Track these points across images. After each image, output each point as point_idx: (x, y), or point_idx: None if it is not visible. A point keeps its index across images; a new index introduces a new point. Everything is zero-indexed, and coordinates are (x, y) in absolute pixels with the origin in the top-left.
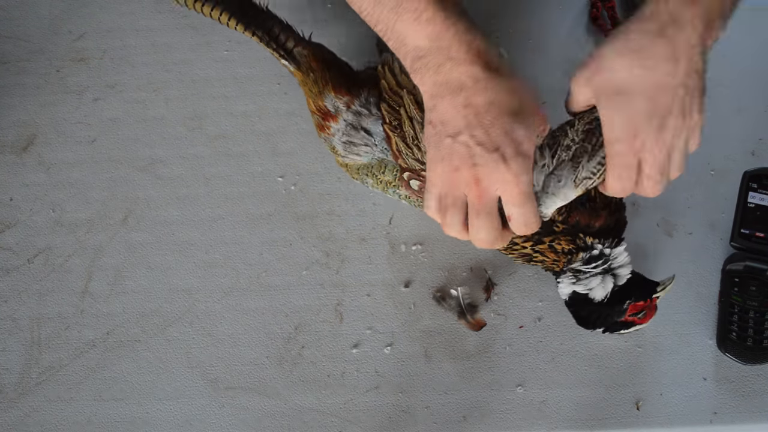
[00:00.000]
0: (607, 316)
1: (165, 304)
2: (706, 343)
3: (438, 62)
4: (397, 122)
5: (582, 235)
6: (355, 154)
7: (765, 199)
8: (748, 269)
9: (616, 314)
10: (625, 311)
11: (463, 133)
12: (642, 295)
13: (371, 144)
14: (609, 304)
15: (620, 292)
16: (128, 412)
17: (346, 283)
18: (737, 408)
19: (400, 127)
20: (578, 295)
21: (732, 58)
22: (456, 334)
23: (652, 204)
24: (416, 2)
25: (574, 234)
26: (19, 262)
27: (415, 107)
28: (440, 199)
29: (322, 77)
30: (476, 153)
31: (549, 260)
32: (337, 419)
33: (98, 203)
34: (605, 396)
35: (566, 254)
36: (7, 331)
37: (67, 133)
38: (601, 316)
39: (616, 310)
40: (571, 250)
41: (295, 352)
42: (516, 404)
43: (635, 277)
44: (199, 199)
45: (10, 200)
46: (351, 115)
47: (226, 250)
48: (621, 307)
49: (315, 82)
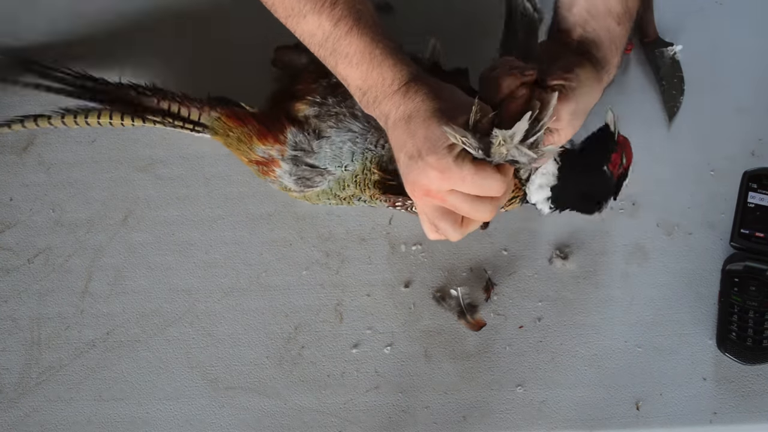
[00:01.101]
0: (603, 191)
1: (165, 304)
2: (706, 343)
3: (374, 97)
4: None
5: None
6: (310, 186)
7: (765, 199)
8: (748, 269)
9: (608, 182)
10: (611, 174)
11: (401, 153)
12: (607, 148)
13: (324, 173)
14: (593, 183)
15: (591, 166)
16: (128, 412)
17: (346, 283)
18: (737, 408)
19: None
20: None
21: (732, 59)
22: (456, 334)
23: (652, 204)
24: (347, 48)
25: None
26: (19, 262)
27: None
28: (427, 220)
29: (243, 134)
30: (411, 166)
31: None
32: (337, 419)
33: (98, 203)
34: (605, 396)
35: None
36: (7, 331)
37: (67, 133)
38: (598, 196)
39: (604, 180)
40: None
41: (295, 352)
42: (516, 404)
43: (590, 141)
44: (199, 199)
45: (10, 200)
46: (289, 159)
47: (226, 250)
48: (605, 176)
49: (239, 140)
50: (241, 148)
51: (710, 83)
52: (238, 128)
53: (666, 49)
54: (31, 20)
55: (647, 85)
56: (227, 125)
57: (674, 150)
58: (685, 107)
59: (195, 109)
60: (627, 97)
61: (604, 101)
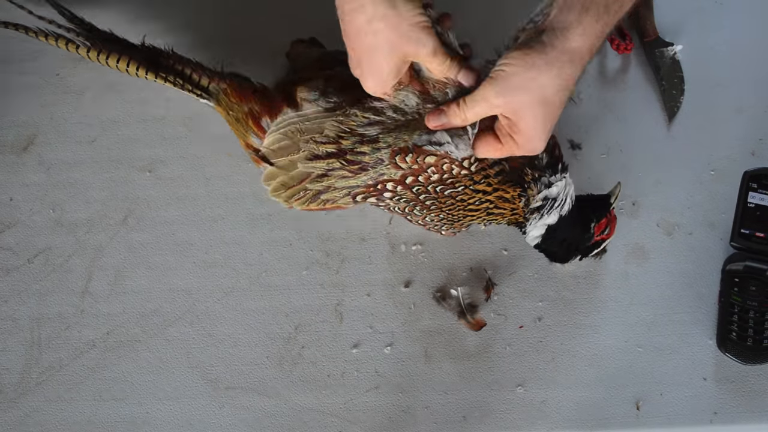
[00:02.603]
0: (579, 244)
1: (165, 304)
2: (706, 343)
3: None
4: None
5: (528, 170)
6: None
7: (765, 199)
8: (748, 269)
9: (586, 240)
10: (593, 234)
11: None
12: (601, 213)
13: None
14: (576, 233)
15: (581, 219)
16: (128, 412)
17: (346, 283)
18: (737, 408)
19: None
20: (548, 232)
21: (732, 58)
22: (456, 334)
23: (652, 204)
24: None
25: (516, 178)
26: (19, 262)
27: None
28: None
29: (242, 113)
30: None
31: (507, 211)
32: (337, 419)
33: (98, 203)
34: (605, 396)
35: (520, 197)
36: (7, 331)
37: (67, 133)
38: (572, 247)
39: (585, 237)
40: (520, 193)
41: (295, 352)
42: (516, 404)
43: (586, 200)
44: (199, 199)
45: (10, 200)
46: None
47: (226, 250)
48: (588, 233)
49: (237, 119)
50: (239, 129)
51: (710, 83)
52: (239, 105)
53: (666, 49)
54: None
55: (647, 85)
56: (230, 99)
57: (674, 150)
58: (685, 107)
59: (206, 77)
60: (627, 97)
61: (608, 112)
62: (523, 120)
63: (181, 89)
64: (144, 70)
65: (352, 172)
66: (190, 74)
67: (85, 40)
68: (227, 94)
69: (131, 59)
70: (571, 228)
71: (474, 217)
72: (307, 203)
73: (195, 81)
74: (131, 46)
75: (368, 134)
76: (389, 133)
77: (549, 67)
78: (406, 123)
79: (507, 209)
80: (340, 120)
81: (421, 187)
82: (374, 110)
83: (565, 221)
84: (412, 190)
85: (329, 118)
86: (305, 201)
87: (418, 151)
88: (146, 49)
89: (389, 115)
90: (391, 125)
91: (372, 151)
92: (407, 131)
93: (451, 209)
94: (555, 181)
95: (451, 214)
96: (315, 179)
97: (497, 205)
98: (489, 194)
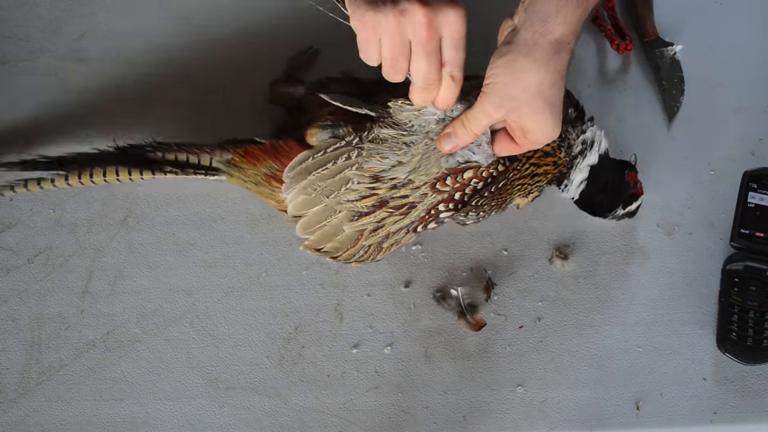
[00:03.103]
0: (621, 191)
1: (165, 304)
2: (706, 343)
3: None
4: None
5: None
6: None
7: (765, 199)
8: (748, 269)
9: (625, 186)
10: (629, 183)
11: None
12: (628, 165)
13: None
14: (617, 177)
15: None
16: (128, 412)
17: (346, 283)
18: (737, 408)
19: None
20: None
21: (732, 58)
22: (456, 334)
23: (652, 204)
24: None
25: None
26: (19, 262)
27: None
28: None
29: (260, 175)
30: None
31: (550, 166)
32: (337, 419)
33: (98, 203)
34: (605, 396)
35: (560, 147)
36: (7, 331)
37: (67, 132)
38: (615, 193)
39: (624, 183)
40: (559, 144)
41: (295, 352)
42: (516, 404)
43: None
44: (199, 199)
45: (10, 200)
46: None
47: (226, 250)
48: (624, 179)
49: (257, 183)
50: (263, 192)
51: (710, 83)
52: (254, 169)
53: (666, 49)
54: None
55: (647, 85)
56: (241, 166)
57: (674, 150)
58: (685, 107)
59: (204, 154)
60: (627, 97)
61: (608, 112)
62: (528, 120)
63: (187, 175)
64: (137, 172)
65: (403, 214)
66: (187, 158)
67: (58, 171)
68: (235, 163)
69: (118, 168)
70: (612, 170)
71: (523, 185)
72: (373, 257)
73: (195, 163)
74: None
75: (399, 177)
76: (416, 171)
77: (537, 65)
78: (425, 152)
79: (550, 164)
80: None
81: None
82: (387, 140)
83: (605, 161)
84: (467, 202)
85: (341, 160)
86: (370, 257)
87: (454, 172)
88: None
89: (403, 140)
90: (415, 159)
91: (412, 192)
92: (434, 161)
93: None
94: (587, 128)
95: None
96: (369, 235)
97: (539, 164)
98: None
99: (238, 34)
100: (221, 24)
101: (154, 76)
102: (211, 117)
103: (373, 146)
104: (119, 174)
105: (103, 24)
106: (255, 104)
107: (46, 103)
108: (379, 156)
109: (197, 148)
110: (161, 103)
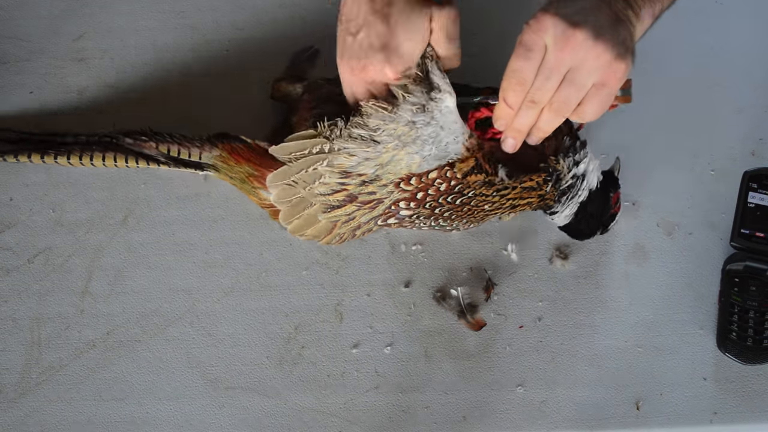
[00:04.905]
0: (601, 216)
1: (165, 304)
2: (706, 343)
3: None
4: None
5: (549, 156)
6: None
7: (765, 199)
8: (748, 269)
9: (607, 210)
10: (611, 206)
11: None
12: (614, 185)
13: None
14: (602, 206)
15: (602, 192)
16: (128, 412)
17: (346, 283)
18: (737, 408)
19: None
20: (580, 209)
21: (732, 58)
22: (456, 334)
23: (652, 204)
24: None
25: (537, 167)
26: (19, 262)
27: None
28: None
29: (245, 174)
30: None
31: (535, 199)
32: (337, 419)
33: (98, 203)
34: (605, 396)
35: (547, 182)
36: (7, 331)
37: (68, 132)
38: (594, 220)
39: (606, 207)
40: (546, 178)
41: (295, 352)
42: (516, 404)
43: (604, 177)
44: (199, 199)
45: (10, 200)
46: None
47: (226, 250)
48: (608, 203)
49: (242, 180)
50: (246, 189)
51: (710, 83)
52: (238, 166)
53: None
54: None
55: None
56: (227, 163)
57: (674, 150)
58: (685, 107)
59: (195, 148)
60: None
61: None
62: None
63: (176, 169)
64: (133, 159)
65: (371, 208)
66: (178, 152)
67: (59, 148)
68: (223, 159)
69: (116, 153)
70: (599, 199)
71: (499, 213)
72: (349, 240)
73: (185, 158)
74: (108, 143)
75: (367, 173)
76: (384, 168)
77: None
78: (394, 151)
79: (534, 197)
80: (329, 161)
81: (433, 202)
82: (361, 136)
83: (594, 196)
84: (425, 206)
85: (316, 149)
86: (344, 241)
87: (419, 173)
88: (118, 138)
89: (373, 139)
90: (383, 156)
91: (380, 189)
92: (405, 165)
93: (471, 213)
94: (580, 159)
95: (474, 216)
96: (343, 225)
97: (522, 196)
98: (511, 190)
99: (238, 33)
100: (220, 24)
101: (154, 76)
102: (212, 116)
103: (343, 143)
104: (117, 160)
105: (103, 24)
106: (257, 102)
107: (46, 103)
108: (347, 153)
109: (188, 141)
110: (161, 103)
